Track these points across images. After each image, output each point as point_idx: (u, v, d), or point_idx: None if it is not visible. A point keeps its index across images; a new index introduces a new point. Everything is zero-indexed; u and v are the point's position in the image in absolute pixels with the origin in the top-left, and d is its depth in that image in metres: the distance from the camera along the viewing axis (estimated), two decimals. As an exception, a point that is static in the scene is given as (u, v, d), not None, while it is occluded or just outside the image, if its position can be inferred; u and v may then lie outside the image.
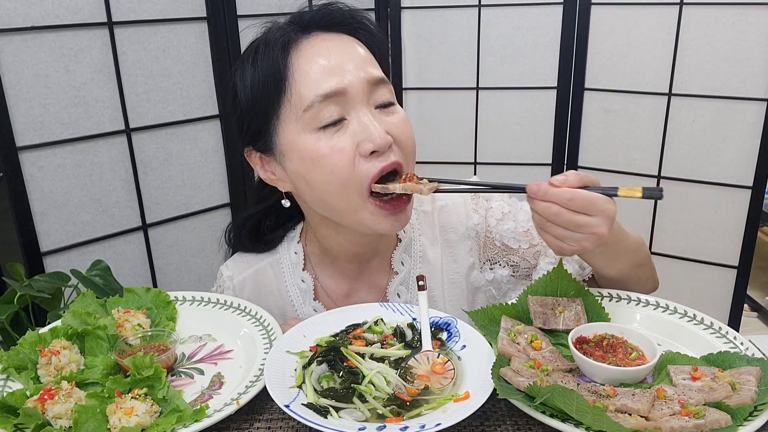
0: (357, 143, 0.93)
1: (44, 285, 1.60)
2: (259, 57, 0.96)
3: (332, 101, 0.93)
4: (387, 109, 0.98)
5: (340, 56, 0.94)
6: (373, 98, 0.96)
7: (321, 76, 0.93)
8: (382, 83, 0.97)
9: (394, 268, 1.12)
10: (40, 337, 0.95)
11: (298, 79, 0.93)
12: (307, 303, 1.12)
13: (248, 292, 1.13)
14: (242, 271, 1.15)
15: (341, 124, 0.94)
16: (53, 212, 1.80)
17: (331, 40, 0.96)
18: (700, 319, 0.98)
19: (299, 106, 0.93)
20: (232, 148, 2.12)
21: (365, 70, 0.95)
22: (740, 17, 2.04)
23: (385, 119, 0.96)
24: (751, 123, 2.10)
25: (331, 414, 0.79)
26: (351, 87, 0.93)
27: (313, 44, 0.95)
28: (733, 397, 0.77)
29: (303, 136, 0.94)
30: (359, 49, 0.98)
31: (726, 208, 2.22)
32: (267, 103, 0.96)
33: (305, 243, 1.14)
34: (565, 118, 2.36)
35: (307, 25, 0.97)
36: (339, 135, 0.93)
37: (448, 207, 1.14)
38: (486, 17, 2.32)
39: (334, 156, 0.93)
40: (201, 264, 2.16)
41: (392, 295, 1.12)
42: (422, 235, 1.13)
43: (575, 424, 0.74)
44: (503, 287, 1.16)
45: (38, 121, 1.73)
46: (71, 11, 1.73)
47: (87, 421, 0.78)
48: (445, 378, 0.86)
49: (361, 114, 0.94)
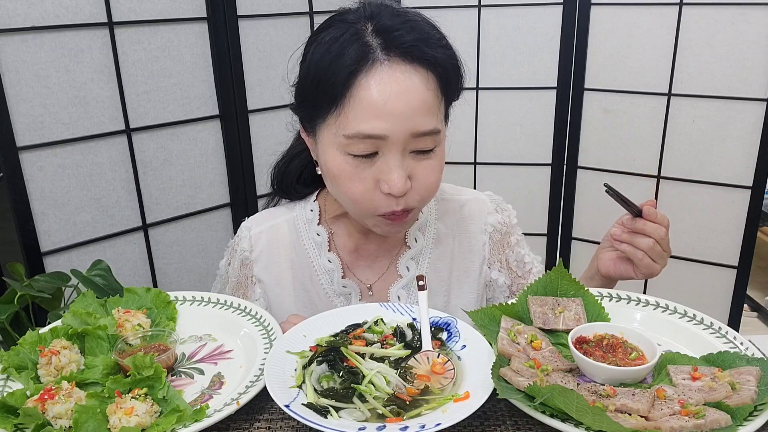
0: (378, 180, 0.96)
1: (44, 285, 1.60)
2: (338, 46, 0.93)
3: (371, 140, 0.94)
4: (423, 155, 0.98)
5: (399, 101, 0.92)
6: (413, 145, 0.96)
7: (370, 115, 0.92)
8: (428, 134, 0.96)
9: (407, 242, 1.17)
10: (40, 337, 0.95)
11: (350, 105, 0.93)
12: (323, 255, 1.16)
13: (262, 244, 1.18)
14: (260, 224, 1.20)
15: (372, 158, 0.96)
16: (53, 212, 1.80)
17: (400, 78, 0.92)
18: (700, 319, 0.98)
19: (341, 128, 0.94)
20: (233, 148, 2.12)
21: (415, 123, 0.93)
22: (740, 17, 2.04)
23: (414, 165, 0.97)
24: (751, 123, 2.10)
25: (331, 414, 0.79)
26: (392, 135, 0.93)
27: (381, 75, 0.92)
28: (733, 397, 0.77)
29: (335, 150, 0.97)
30: (424, 94, 0.94)
31: (726, 208, 2.22)
32: (319, 104, 0.97)
33: (324, 202, 1.19)
34: (565, 118, 2.36)
35: (392, 46, 0.93)
36: (366, 166, 0.96)
37: (470, 202, 1.21)
38: (486, 17, 2.32)
39: (355, 181, 0.97)
40: (201, 264, 2.16)
41: (402, 267, 1.16)
42: (438, 220, 1.19)
43: (575, 424, 0.75)
44: (496, 291, 1.22)
45: (38, 121, 1.73)
46: (71, 11, 1.73)
47: (87, 421, 0.78)
48: (445, 378, 0.86)
49: (391, 157, 0.95)
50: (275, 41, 2.12)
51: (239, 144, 2.13)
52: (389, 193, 0.95)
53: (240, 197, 2.18)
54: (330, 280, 1.15)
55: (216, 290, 1.25)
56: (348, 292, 1.15)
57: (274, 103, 2.16)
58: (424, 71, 0.95)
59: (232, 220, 2.19)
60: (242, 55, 2.05)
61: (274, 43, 2.11)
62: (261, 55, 2.11)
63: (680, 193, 2.27)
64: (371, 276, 1.17)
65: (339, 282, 1.15)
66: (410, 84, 0.93)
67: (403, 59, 0.93)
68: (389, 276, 1.17)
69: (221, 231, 2.18)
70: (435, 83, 0.96)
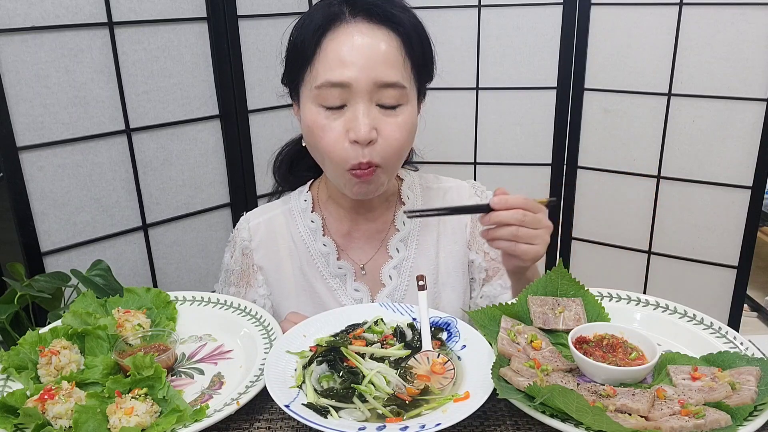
0: (347, 129, 1.04)
1: (44, 285, 1.60)
2: (310, 17, 1.06)
3: (338, 89, 1.02)
4: (390, 110, 1.06)
5: (362, 52, 1.02)
6: (377, 97, 1.04)
7: (336, 65, 1.02)
8: (391, 86, 1.04)
9: (396, 225, 1.24)
10: (40, 337, 0.95)
11: (319, 59, 1.04)
12: (318, 240, 1.22)
13: (261, 234, 1.24)
14: (257, 216, 1.27)
15: (342, 109, 1.04)
16: (53, 212, 1.80)
17: (364, 33, 1.03)
18: (700, 319, 0.98)
19: (313, 81, 1.04)
20: (233, 148, 2.12)
21: (377, 72, 1.02)
22: (740, 17, 2.04)
23: (381, 118, 1.05)
24: (751, 123, 2.10)
25: (331, 414, 0.79)
26: (356, 83, 1.02)
27: (346, 32, 1.03)
28: (733, 397, 0.77)
29: (310, 104, 1.06)
30: (386, 48, 1.04)
31: (726, 208, 2.22)
32: (296, 65, 1.08)
33: (316, 190, 1.27)
34: (565, 118, 2.36)
35: (357, 10, 1.04)
36: (336, 117, 1.04)
37: (452, 187, 1.29)
38: (486, 17, 2.32)
39: (327, 132, 1.05)
40: (201, 264, 2.16)
41: (392, 248, 1.22)
42: (425, 205, 1.25)
43: (575, 424, 0.75)
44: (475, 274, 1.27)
45: (38, 121, 1.73)
46: (71, 11, 1.73)
47: (87, 421, 0.78)
48: (445, 378, 0.86)
49: (357, 106, 1.03)
50: (275, 41, 2.11)
51: (239, 144, 2.13)
52: (355, 140, 1.02)
53: (240, 197, 2.18)
54: (326, 262, 1.22)
55: (221, 286, 1.29)
56: (343, 273, 1.21)
57: (274, 103, 2.16)
58: (387, 30, 1.05)
59: (232, 220, 2.19)
60: (242, 55, 2.06)
61: (274, 43, 2.11)
62: (261, 55, 2.11)
63: (680, 193, 2.27)
64: (363, 257, 1.23)
65: (335, 264, 1.21)
66: (373, 38, 1.03)
67: (367, 19, 1.04)
68: (380, 256, 1.23)
69: (221, 231, 2.18)
70: (398, 42, 1.05)
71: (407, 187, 1.25)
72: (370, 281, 1.22)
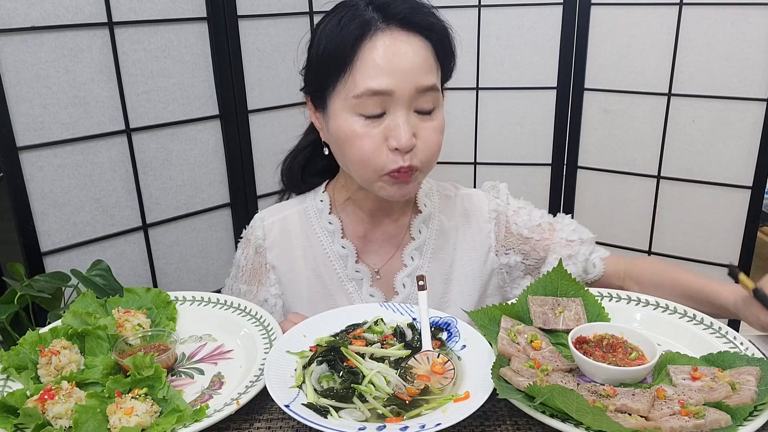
0: (386, 137, 1.04)
1: (44, 285, 1.60)
2: (342, 24, 1.04)
3: (379, 97, 1.02)
4: (426, 115, 1.07)
5: (401, 59, 1.02)
6: (416, 103, 1.05)
7: (377, 73, 1.02)
8: (429, 91, 1.05)
9: (412, 234, 1.23)
10: (40, 337, 0.95)
11: (358, 68, 1.03)
12: (336, 241, 1.22)
13: (275, 233, 1.24)
14: (272, 215, 1.26)
15: (381, 117, 1.04)
16: (53, 212, 1.80)
17: (401, 40, 1.03)
18: (700, 319, 0.98)
19: (351, 90, 1.03)
20: (233, 148, 2.12)
21: (417, 78, 1.03)
22: (740, 17, 2.04)
23: (419, 124, 1.06)
24: (751, 123, 2.10)
25: (331, 414, 0.79)
26: (398, 90, 1.02)
27: (383, 39, 1.03)
28: (733, 397, 0.78)
29: (346, 113, 1.05)
30: (423, 54, 1.05)
31: (725, 208, 2.22)
32: (328, 73, 1.06)
33: (333, 192, 1.26)
34: (565, 118, 2.36)
35: (390, 17, 1.04)
36: (375, 125, 1.04)
37: (471, 194, 1.30)
38: (486, 17, 2.32)
39: (365, 140, 1.04)
40: (201, 264, 2.16)
41: (407, 256, 1.22)
42: (442, 212, 1.26)
43: (575, 424, 0.75)
44: (514, 273, 1.27)
45: (38, 121, 1.73)
46: (71, 11, 1.73)
47: (87, 421, 0.78)
48: (445, 378, 0.86)
49: (398, 114, 1.03)
50: (275, 41, 2.11)
51: (239, 144, 2.13)
52: (397, 148, 1.03)
53: (240, 197, 2.18)
54: (344, 265, 1.22)
55: (231, 281, 1.30)
56: (360, 276, 1.22)
57: (274, 103, 2.16)
58: (421, 37, 1.05)
59: (232, 220, 2.19)
60: (242, 55, 2.05)
61: (274, 43, 2.11)
62: (261, 55, 2.10)
63: (680, 193, 2.27)
64: (378, 261, 1.23)
65: (353, 267, 1.21)
66: (410, 45, 1.04)
67: (401, 27, 1.04)
68: (395, 263, 1.23)
69: (221, 231, 2.18)
70: (431, 48, 1.07)
71: (424, 194, 1.26)
72: (384, 287, 1.22)
